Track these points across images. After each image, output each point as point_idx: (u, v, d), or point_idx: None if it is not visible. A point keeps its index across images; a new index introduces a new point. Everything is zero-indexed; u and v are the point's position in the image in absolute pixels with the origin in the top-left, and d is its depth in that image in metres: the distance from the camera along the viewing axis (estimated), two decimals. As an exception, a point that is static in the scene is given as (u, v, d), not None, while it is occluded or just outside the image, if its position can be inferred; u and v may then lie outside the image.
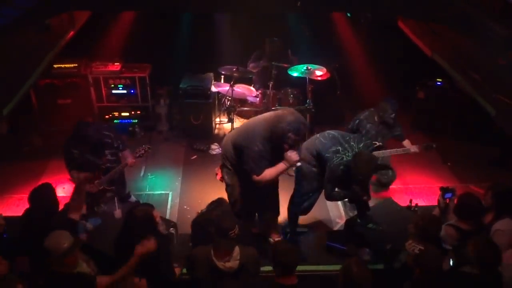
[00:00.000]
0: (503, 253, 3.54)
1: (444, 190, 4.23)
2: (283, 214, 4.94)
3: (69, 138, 5.03)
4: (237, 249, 3.53)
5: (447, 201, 4.19)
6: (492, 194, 4.03)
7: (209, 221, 4.08)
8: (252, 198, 4.50)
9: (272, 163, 4.15)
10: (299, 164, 4.21)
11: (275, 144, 4.11)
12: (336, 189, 4.44)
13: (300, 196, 4.68)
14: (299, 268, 4.53)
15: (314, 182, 4.57)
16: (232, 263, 3.49)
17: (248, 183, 4.31)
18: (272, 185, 4.52)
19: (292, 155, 4.11)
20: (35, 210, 4.10)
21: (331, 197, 4.57)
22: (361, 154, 4.22)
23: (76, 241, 3.39)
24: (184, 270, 4.02)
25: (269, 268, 3.58)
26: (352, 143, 4.34)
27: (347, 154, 4.27)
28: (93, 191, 5.04)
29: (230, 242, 3.48)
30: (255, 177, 4.12)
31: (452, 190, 4.23)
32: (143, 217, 3.72)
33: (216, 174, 4.65)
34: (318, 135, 4.64)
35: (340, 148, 4.31)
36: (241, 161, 4.21)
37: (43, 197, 4.13)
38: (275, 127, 4.03)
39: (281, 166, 4.13)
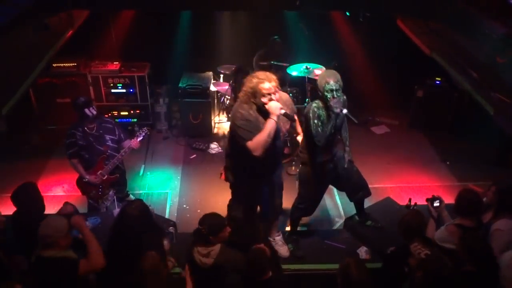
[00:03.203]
0: (502, 253, 3.55)
1: (431, 200, 4.24)
2: (286, 214, 4.95)
3: (74, 123, 5.02)
4: (217, 248, 3.56)
5: (437, 209, 4.21)
6: (495, 190, 4.01)
7: None
8: (254, 197, 4.50)
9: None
10: (283, 111, 3.97)
11: (258, 107, 4.00)
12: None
13: (303, 201, 4.66)
14: (298, 267, 4.60)
15: (317, 185, 4.57)
16: (208, 260, 3.55)
17: (251, 181, 4.31)
18: (273, 184, 4.52)
19: (272, 104, 3.92)
20: (22, 211, 4.02)
21: (320, 139, 4.17)
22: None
23: (70, 225, 3.44)
24: (178, 270, 4.01)
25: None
26: None
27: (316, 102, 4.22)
28: (97, 182, 5.04)
29: (218, 238, 3.58)
30: (250, 145, 3.91)
31: (438, 197, 4.25)
32: (138, 214, 3.67)
33: (221, 174, 4.62)
34: None
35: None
36: (237, 148, 4.08)
37: (26, 197, 4.02)
38: (247, 88, 3.98)
39: (269, 122, 3.91)
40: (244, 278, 3.45)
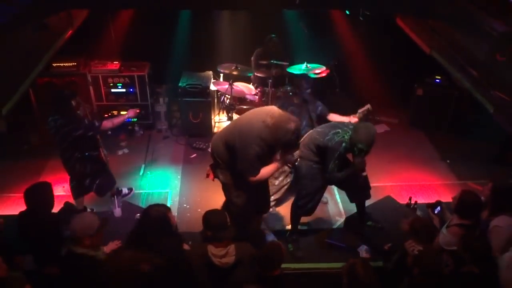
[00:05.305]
0: (502, 250, 3.55)
1: (432, 207, 4.24)
2: (286, 214, 4.95)
3: (70, 122, 4.74)
4: (232, 245, 3.57)
5: (438, 215, 4.21)
6: (491, 188, 4.02)
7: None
8: (248, 195, 4.50)
9: (266, 163, 4.12)
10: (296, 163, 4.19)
11: (273, 146, 4.08)
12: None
13: (303, 198, 4.65)
14: (298, 266, 4.60)
15: (315, 181, 4.55)
16: (228, 258, 3.53)
17: (242, 180, 4.32)
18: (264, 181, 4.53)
19: (290, 156, 4.15)
20: (32, 209, 4.04)
21: (332, 178, 4.41)
22: (361, 124, 4.28)
23: (101, 224, 3.49)
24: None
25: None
26: (350, 126, 4.34)
27: (347, 134, 4.26)
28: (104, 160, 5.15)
29: (230, 232, 3.57)
30: (251, 179, 4.09)
31: (439, 203, 4.25)
32: (157, 217, 3.66)
33: (207, 174, 4.61)
34: (312, 130, 4.65)
35: (339, 130, 4.32)
36: (234, 160, 4.15)
37: (41, 196, 4.05)
38: (280, 137, 3.91)
39: (275, 166, 4.13)
40: (256, 272, 3.49)
